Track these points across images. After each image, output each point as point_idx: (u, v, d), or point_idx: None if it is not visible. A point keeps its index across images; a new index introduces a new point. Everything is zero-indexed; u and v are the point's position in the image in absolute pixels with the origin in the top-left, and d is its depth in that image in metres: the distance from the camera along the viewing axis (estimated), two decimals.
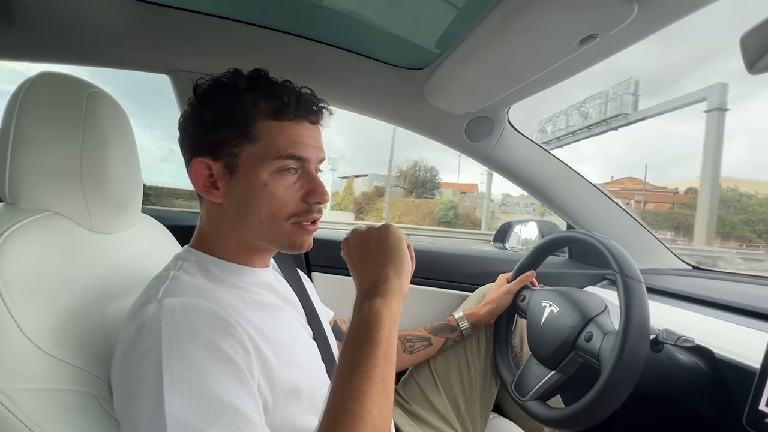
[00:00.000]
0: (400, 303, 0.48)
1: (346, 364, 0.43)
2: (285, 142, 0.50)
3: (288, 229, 0.52)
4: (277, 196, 0.50)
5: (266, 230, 0.51)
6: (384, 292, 0.47)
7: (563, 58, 0.66)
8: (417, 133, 1.11)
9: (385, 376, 0.42)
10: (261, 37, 0.90)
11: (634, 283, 0.66)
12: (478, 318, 0.93)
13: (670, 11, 0.55)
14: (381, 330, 0.44)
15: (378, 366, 0.41)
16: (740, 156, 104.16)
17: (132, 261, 0.62)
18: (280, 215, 0.51)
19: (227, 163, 0.50)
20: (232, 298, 0.48)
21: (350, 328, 0.46)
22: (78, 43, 0.85)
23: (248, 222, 0.51)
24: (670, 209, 19.60)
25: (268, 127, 0.50)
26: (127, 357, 0.40)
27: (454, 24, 0.78)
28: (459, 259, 1.24)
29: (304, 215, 0.52)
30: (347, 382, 0.41)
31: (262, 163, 0.49)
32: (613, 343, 0.63)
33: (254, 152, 0.50)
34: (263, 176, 0.50)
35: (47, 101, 0.53)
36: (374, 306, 0.45)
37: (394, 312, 0.46)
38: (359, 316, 0.46)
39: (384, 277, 0.48)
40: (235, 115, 0.50)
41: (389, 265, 0.49)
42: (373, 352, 0.42)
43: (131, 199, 0.62)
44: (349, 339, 0.45)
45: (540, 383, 0.76)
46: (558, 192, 1.14)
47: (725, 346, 0.67)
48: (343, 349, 0.45)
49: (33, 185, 0.52)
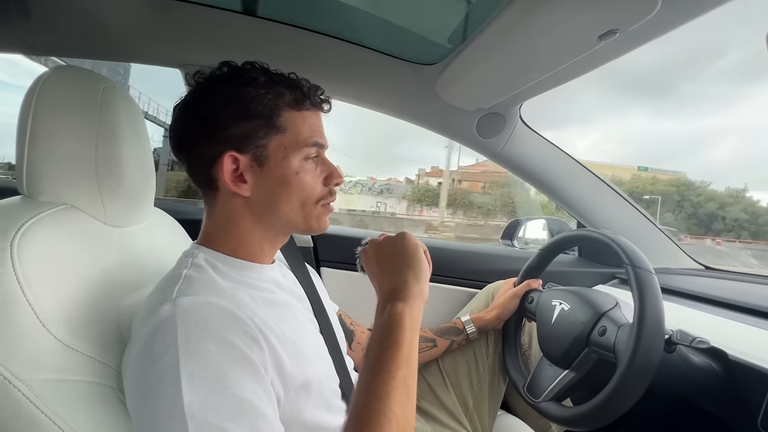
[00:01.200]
0: (421, 307, 0.50)
1: (369, 365, 0.43)
2: (308, 131, 0.52)
3: (318, 212, 0.54)
4: (308, 182, 0.53)
5: (297, 216, 0.53)
6: (405, 296, 0.49)
7: (581, 54, 0.65)
8: (427, 129, 1.10)
9: (407, 378, 0.43)
10: (272, 31, 0.89)
11: (646, 273, 0.66)
12: (485, 323, 0.92)
13: (693, 6, 0.54)
14: (403, 333, 0.45)
15: (401, 368, 0.42)
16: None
17: (146, 254, 0.63)
18: (311, 200, 0.53)
19: (255, 155, 0.50)
20: (242, 296, 0.48)
21: (373, 332, 0.47)
22: (92, 37, 0.86)
23: (279, 210, 0.52)
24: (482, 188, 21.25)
25: (293, 117, 0.52)
26: (144, 357, 0.41)
27: (467, 19, 0.77)
28: (467, 255, 1.23)
29: (328, 197, 0.55)
30: (371, 383, 0.42)
31: (293, 152, 0.51)
32: (629, 334, 0.63)
33: (284, 142, 0.51)
34: (294, 164, 0.51)
35: (63, 95, 0.53)
36: (396, 310, 0.47)
37: (415, 315, 0.48)
38: (381, 320, 0.47)
39: (404, 282, 0.50)
40: (259, 106, 0.50)
41: (408, 271, 0.51)
42: (396, 354, 0.43)
43: (145, 193, 0.62)
44: (373, 342, 0.46)
45: (553, 383, 0.75)
46: (570, 190, 1.13)
47: (739, 347, 0.66)
48: (366, 352, 0.46)
49: (50, 179, 0.52)
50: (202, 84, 0.52)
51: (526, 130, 1.05)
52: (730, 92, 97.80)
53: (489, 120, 1.02)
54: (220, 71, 0.52)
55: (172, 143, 0.54)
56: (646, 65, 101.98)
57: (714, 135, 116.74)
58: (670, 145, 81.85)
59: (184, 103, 0.53)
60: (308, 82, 0.54)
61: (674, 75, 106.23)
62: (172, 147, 0.54)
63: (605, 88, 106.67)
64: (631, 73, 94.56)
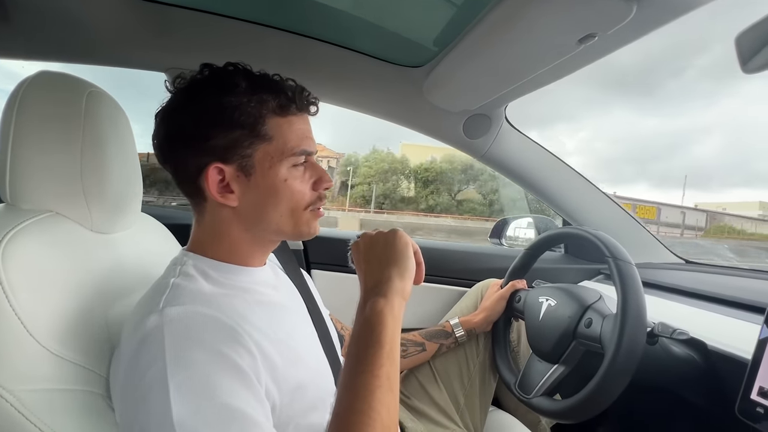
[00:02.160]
0: (402, 304, 0.49)
1: (351, 364, 0.43)
2: (295, 138, 0.51)
3: (307, 218, 0.54)
4: (296, 189, 0.52)
5: (286, 223, 0.52)
6: (386, 291, 0.48)
7: (562, 57, 0.67)
8: (414, 131, 1.11)
9: (390, 376, 0.42)
10: (259, 34, 0.89)
11: (626, 265, 0.69)
12: (473, 326, 0.93)
13: (668, 10, 0.56)
14: (384, 330, 0.45)
15: (383, 366, 0.42)
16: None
17: (134, 260, 0.62)
18: (300, 206, 0.52)
19: (241, 165, 0.49)
20: (233, 301, 0.48)
21: (354, 330, 0.47)
22: (74, 41, 0.84)
23: (267, 219, 0.51)
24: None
25: (278, 124, 0.50)
26: (131, 369, 0.40)
27: (452, 22, 0.78)
28: (456, 254, 1.25)
29: (317, 202, 0.54)
30: (354, 382, 0.41)
31: (280, 161, 0.50)
32: (614, 324, 0.65)
33: (270, 151, 0.50)
34: (282, 173, 0.50)
35: (47, 100, 0.52)
36: (377, 306, 0.46)
37: (396, 312, 0.47)
38: (363, 318, 0.47)
39: (387, 277, 0.49)
40: (242, 115, 0.48)
41: (393, 267, 0.51)
42: (378, 353, 0.43)
43: (131, 199, 0.61)
44: (354, 340, 0.46)
45: (544, 379, 0.77)
46: (555, 188, 1.15)
47: (718, 338, 0.69)
48: (348, 351, 0.45)
49: (34, 186, 0.51)
50: (183, 90, 0.50)
51: (511, 130, 1.07)
52: (715, 89, 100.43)
53: (475, 121, 1.04)
54: (201, 75, 0.51)
55: (156, 152, 0.52)
56: (631, 62, 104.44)
57: (700, 133, 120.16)
58: (656, 143, 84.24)
59: (166, 110, 0.51)
60: (294, 84, 0.52)
61: (657, 72, 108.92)
62: (156, 156, 0.52)
63: (589, 86, 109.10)
64: (616, 71, 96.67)
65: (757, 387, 0.53)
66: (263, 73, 0.52)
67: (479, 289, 1.04)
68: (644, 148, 78.84)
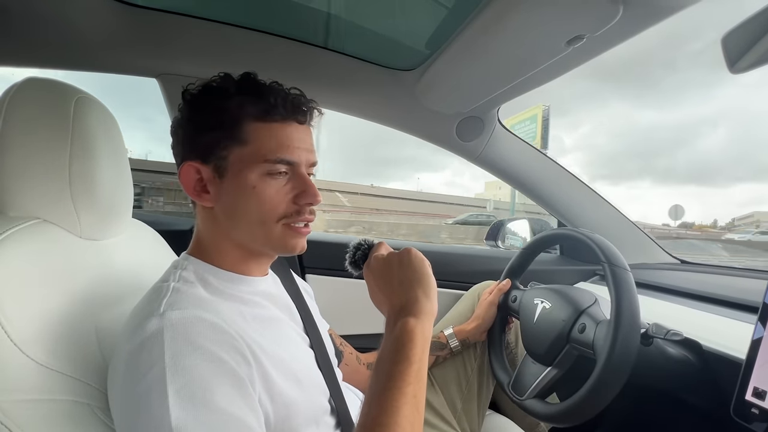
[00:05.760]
0: (432, 323, 0.49)
1: (380, 380, 0.43)
2: (275, 145, 0.49)
3: (279, 231, 0.51)
4: (266, 198, 0.49)
5: (257, 233, 0.51)
6: (417, 312, 0.48)
7: (551, 59, 0.67)
8: (408, 134, 1.11)
9: (417, 394, 0.42)
10: (250, 39, 0.89)
11: (622, 271, 0.68)
12: (467, 335, 0.93)
13: (655, 11, 0.57)
14: (414, 349, 0.45)
15: (411, 384, 0.42)
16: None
17: (124, 268, 0.61)
18: (270, 217, 0.50)
19: (216, 166, 0.50)
20: (231, 312, 0.48)
21: (383, 347, 0.47)
22: (63, 47, 0.84)
23: (239, 225, 0.51)
24: None
25: (257, 129, 0.49)
26: (130, 372, 0.40)
27: (443, 25, 0.79)
28: (453, 257, 1.25)
29: (294, 217, 0.51)
30: (381, 397, 0.41)
31: (250, 166, 0.49)
32: (606, 331, 0.65)
33: (243, 155, 0.49)
34: (251, 178, 0.49)
35: (34, 107, 0.52)
36: (408, 326, 0.46)
37: (426, 332, 0.47)
38: (393, 335, 0.46)
39: (414, 299, 0.49)
40: (223, 117, 0.49)
41: (417, 288, 0.50)
42: (407, 370, 0.43)
43: (122, 205, 0.61)
44: (383, 356, 0.45)
45: (537, 381, 0.77)
46: (549, 190, 1.15)
47: (713, 338, 0.69)
48: (376, 366, 0.45)
49: (21, 193, 0.51)
50: (183, 98, 0.53)
51: (504, 132, 1.08)
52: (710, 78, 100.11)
53: (468, 124, 1.04)
54: (212, 80, 0.53)
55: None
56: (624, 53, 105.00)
57: (704, 125, 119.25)
58: (659, 137, 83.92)
59: (175, 117, 0.54)
60: (285, 91, 0.51)
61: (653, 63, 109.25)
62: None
63: (583, 79, 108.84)
64: (609, 62, 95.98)
65: (752, 388, 0.53)
66: (254, 77, 0.52)
67: (476, 291, 1.04)
68: (647, 141, 78.97)
